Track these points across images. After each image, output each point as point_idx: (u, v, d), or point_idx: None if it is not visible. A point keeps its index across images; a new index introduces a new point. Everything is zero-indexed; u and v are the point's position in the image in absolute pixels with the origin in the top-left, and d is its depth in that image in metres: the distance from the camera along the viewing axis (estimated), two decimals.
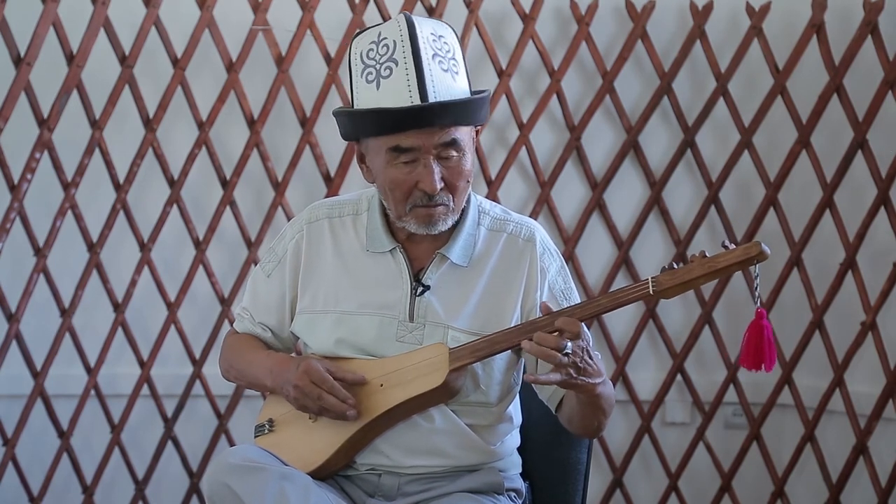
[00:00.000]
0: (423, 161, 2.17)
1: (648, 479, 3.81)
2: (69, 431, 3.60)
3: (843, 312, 3.59)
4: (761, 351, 2.14)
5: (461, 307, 2.24)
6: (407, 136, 2.15)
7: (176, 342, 3.63)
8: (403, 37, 2.16)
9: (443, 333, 2.22)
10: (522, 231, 2.31)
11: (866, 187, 3.53)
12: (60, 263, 3.57)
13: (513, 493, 2.33)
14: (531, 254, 2.29)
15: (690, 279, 2.10)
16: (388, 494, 2.25)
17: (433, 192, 2.17)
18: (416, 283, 2.25)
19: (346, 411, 2.18)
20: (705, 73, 3.65)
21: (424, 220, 2.21)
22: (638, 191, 3.73)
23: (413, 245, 2.28)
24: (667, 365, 3.73)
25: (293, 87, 3.56)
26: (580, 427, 2.28)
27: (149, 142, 3.54)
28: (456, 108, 2.16)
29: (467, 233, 2.27)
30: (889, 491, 3.49)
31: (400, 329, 2.24)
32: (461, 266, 2.26)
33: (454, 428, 2.24)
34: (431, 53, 2.17)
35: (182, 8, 3.53)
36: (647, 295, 2.11)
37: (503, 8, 3.61)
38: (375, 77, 2.18)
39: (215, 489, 2.14)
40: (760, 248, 2.07)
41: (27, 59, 3.41)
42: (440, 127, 2.15)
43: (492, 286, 2.26)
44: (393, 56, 2.16)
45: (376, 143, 2.20)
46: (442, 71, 2.18)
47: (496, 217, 2.32)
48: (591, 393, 2.15)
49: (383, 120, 2.15)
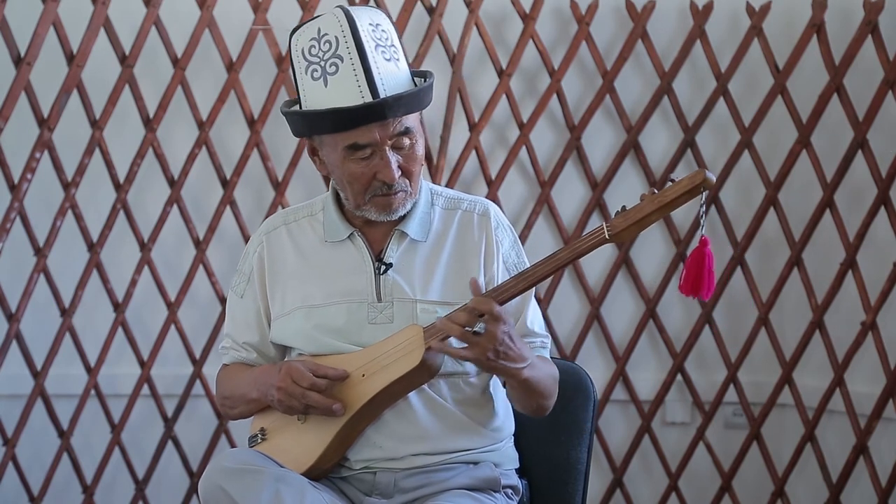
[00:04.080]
0: (379, 153, 2.21)
1: (648, 479, 3.81)
2: (69, 431, 3.60)
3: (843, 312, 3.59)
4: (700, 278, 2.15)
5: (427, 281, 2.27)
6: (362, 132, 2.19)
7: (176, 342, 3.63)
8: (345, 32, 2.19)
9: (411, 308, 2.25)
10: (477, 207, 2.35)
11: (866, 187, 3.53)
12: (60, 263, 3.57)
13: (509, 490, 2.33)
14: (486, 227, 2.33)
15: (643, 217, 2.11)
16: (384, 492, 2.25)
17: (392, 182, 2.22)
18: (378, 262, 2.28)
19: (331, 405, 2.19)
20: (705, 73, 3.65)
21: (384, 208, 2.25)
22: (638, 191, 3.72)
23: (370, 229, 2.31)
24: (667, 365, 3.73)
25: (293, 87, 3.56)
26: (521, 408, 2.31)
27: (149, 142, 3.54)
28: (407, 99, 2.20)
29: (422, 211, 2.32)
30: (889, 491, 3.49)
31: (371, 311, 2.26)
32: (420, 241, 2.30)
33: (442, 410, 2.26)
34: (374, 45, 2.21)
35: (182, 8, 3.53)
36: (603, 240, 2.12)
37: (503, 8, 3.61)
38: (322, 74, 2.21)
39: (211, 492, 2.14)
40: (705, 175, 2.07)
41: (27, 59, 3.41)
42: (393, 119, 2.19)
43: (454, 258, 2.30)
44: (337, 52, 2.19)
45: (331, 140, 2.23)
46: (385, 61, 2.21)
47: (449, 197, 2.37)
48: (516, 377, 2.17)
49: (338, 119, 2.19)
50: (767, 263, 3.71)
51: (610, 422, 3.78)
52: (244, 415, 2.40)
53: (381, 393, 2.21)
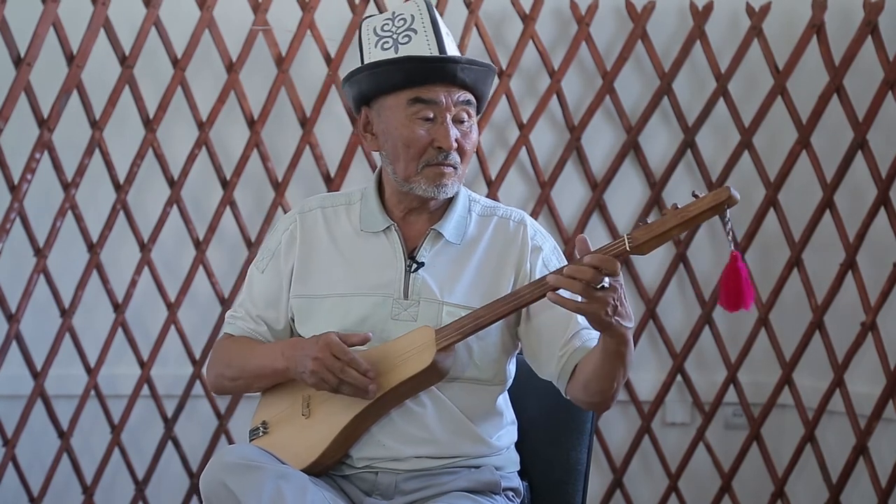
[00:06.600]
0: (440, 119, 2.23)
1: (648, 480, 3.81)
2: (69, 431, 3.60)
3: (843, 312, 3.59)
4: (740, 291, 2.08)
5: (455, 283, 2.27)
6: (430, 88, 2.22)
7: (176, 342, 3.63)
8: (422, 11, 2.26)
9: (437, 310, 2.25)
10: (513, 214, 2.36)
11: (866, 187, 3.53)
12: (60, 263, 3.57)
13: (510, 493, 2.33)
14: (523, 234, 2.33)
15: (664, 231, 2.08)
16: (385, 493, 2.25)
17: (449, 149, 2.23)
18: (410, 260, 2.28)
19: (367, 385, 2.17)
20: (705, 73, 3.65)
21: (435, 180, 2.24)
22: (638, 191, 3.73)
23: (407, 225, 2.31)
24: (667, 365, 3.73)
25: (293, 88, 3.57)
26: (598, 390, 2.19)
27: (149, 142, 3.54)
28: (476, 69, 2.24)
29: (459, 214, 2.32)
30: (889, 491, 3.49)
31: (395, 307, 2.26)
32: (454, 244, 2.30)
33: (449, 414, 2.25)
34: (447, 31, 2.28)
35: (182, 8, 3.53)
36: (623, 251, 2.09)
37: (503, 8, 3.61)
38: (393, 45, 2.25)
39: (212, 487, 2.13)
40: (730, 192, 2.03)
41: (27, 59, 3.41)
42: (460, 85, 2.22)
43: (485, 263, 2.30)
44: (411, 26, 2.25)
45: (395, 100, 2.24)
46: (455, 46, 2.29)
47: (486, 205, 2.38)
48: (622, 338, 2.10)
49: (411, 69, 2.21)
50: (767, 264, 3.71)
51: (610, 422, 3.78)
52: (243, 389, 2.36)
53: (389, 393, 2.20)
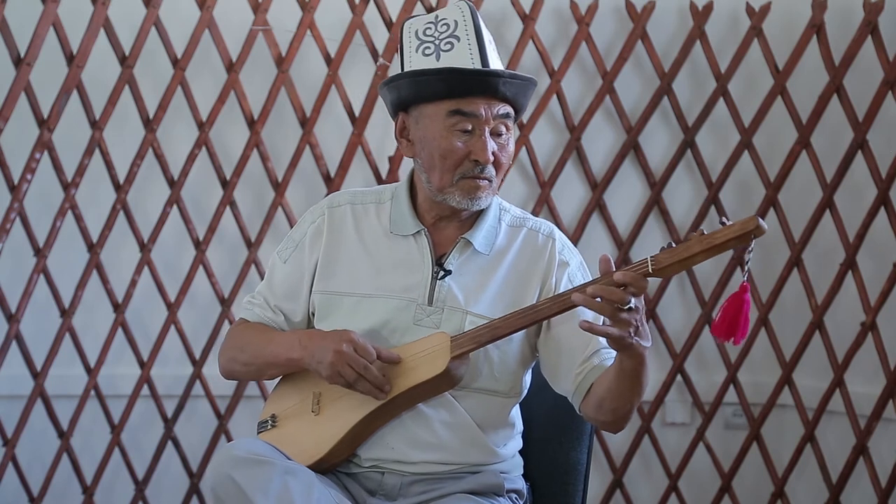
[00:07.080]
0: (478, 132, 2.21)
1: (648, 480, 3.81)
2: (69, 432, 3.60)
3: (843, 312, 3.59)
4: (736, 323, 2.10)
5: (480, 293, 2.26)
6: (470, 101, 2.20)
7: (176, 342, 3.63)
8: (465, 18, 2.23)
9: (460, 318, 2.24)
10: (542, 227, 2.34)
11: (866, 187, 3.53)
12: (60, 263, 3.57)
13: (514, 495, 2.33)
14: (551, 248, 2.31)
15: (689, 256, 2.05)
16: (389, 494, 2.25)
17: (486, 162, 2.22)
18: (437, 267, 2.27)
19: (384, 384, 2.18)
20: (705, 73, 3.66)
21: (470, 192, 2.23)
22: (638, 191, 3.73)
23: (437, 231, 2.30)
24: (667, 365, 3.73)
25: (293, 88, 3.57)
26: (612, 409, 2.17)
27: (149, 142, 3.54)
28: (517, 83, 2.22)
29: (490, 224, 2.30)
30: (889, 491, 3.49)
31: (418, 312, 2.25)
32: (482, 254, 2.28)
33: (461, 422, 2.25)
34: (490, 38, 2.26)
35: (182, 8, 3.53)
36: (647, 273, 2.06)
37: (503, 8, 3.61)
38: (435, 50, 2.23)
39: (219, 481, 2.12)
40: (758, 222, 2.01)
41: (27, 59, 3.41)
42: (501, 98, 2.21)
43: (511, 275, 2.28)
44: (454, 33, 2.23)
45: (435, 109, 2.22)
46: (497, 56, 2.26)
47: (516, 216, 2.36)
48: (641, 358, 2.09)
49: (452, 80, 2.19)
50: (767, 264, 3.71)
51: None
52: (255, 375, 2.37)
53: (401, 396, 2.20)
